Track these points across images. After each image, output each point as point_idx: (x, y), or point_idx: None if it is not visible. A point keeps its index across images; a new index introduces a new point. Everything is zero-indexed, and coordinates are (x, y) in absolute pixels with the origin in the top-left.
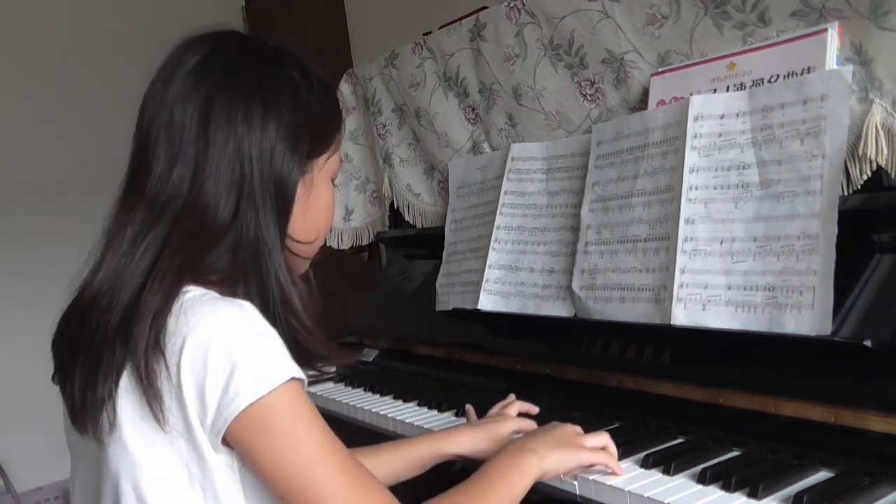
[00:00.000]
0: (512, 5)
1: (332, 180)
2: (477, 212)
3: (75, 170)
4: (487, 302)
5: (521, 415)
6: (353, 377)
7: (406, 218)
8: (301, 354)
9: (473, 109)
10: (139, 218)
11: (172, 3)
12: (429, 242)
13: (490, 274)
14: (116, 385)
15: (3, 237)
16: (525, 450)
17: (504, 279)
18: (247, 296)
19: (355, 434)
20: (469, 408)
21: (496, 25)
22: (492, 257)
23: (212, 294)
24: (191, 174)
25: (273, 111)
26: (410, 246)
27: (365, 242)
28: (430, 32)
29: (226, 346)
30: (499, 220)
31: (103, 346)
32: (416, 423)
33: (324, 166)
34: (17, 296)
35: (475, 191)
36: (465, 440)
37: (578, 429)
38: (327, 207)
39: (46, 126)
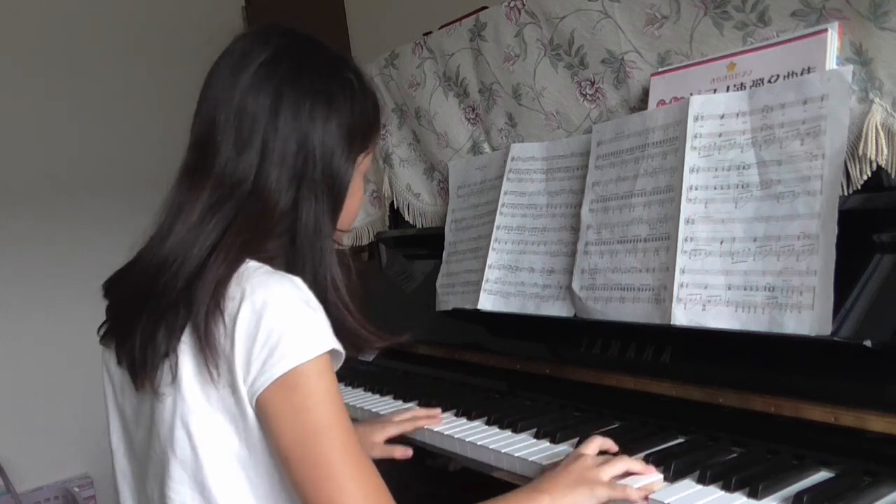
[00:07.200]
0: (512, 5)
1: (364, 176)
2: (477, 212)
3: (70, 173)
4: (487, 302)
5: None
6: (353, 377)
7: (406, 218)
8: (342, 335)
9: (473, 109)
10: (207, 195)
11: (173, 2)
12: (429, 242)
13: (490, 274)
14: (179, 340)
15: (2, 241)
16: (539, 491)
17: (504, 279)
18: (300, 275)
19: None
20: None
21: (496, 25)
22: (492, 257)
23: (267, 268)
24: (258, 161)
25: (335, 112)
26: (410, 246)
27: (365, 242)
28: (430, 32)
29: (278, 313)
30: (499, 220)
31: (167, 308)
32: None
33: (362, 163)
34: (16, 298)
35: (475, 191)
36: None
37: (602, 451)
38: (359, 200)
39: (43, 126)
